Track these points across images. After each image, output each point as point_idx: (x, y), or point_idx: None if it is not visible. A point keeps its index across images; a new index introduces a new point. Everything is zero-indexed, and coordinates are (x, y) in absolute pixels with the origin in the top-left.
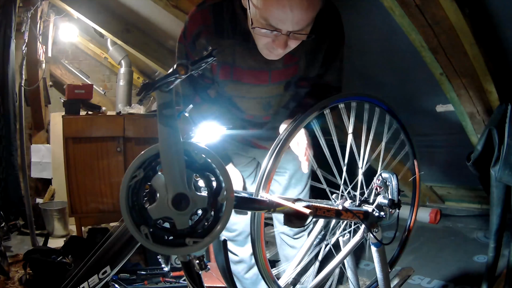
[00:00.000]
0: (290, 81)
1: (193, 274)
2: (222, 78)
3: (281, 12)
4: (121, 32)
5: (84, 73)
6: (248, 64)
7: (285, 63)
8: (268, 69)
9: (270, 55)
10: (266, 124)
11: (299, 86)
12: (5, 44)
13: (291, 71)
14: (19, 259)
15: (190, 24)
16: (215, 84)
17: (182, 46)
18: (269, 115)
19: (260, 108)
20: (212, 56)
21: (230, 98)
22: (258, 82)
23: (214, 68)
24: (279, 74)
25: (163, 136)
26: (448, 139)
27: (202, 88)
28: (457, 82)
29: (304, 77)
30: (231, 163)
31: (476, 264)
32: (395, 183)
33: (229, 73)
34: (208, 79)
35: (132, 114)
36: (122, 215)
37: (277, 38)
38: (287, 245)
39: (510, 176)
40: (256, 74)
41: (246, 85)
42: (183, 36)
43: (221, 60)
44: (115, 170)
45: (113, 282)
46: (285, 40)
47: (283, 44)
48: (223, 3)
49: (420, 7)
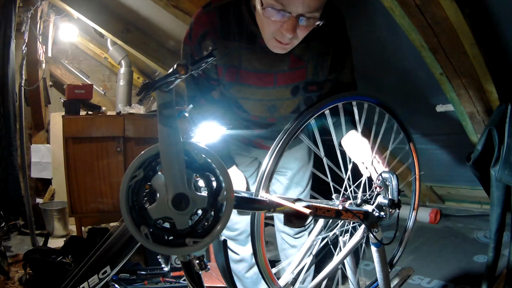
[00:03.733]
0: (298, 85)
1: (193, 274)
2: (228, 80)
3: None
4: (121, 32)
5: (84, 73)
6: (254, 67)
7: (291, 66)
8: (274, 72)
9: (276, 47)
10: (270, 126)
11: (309, 91)
12: (5, 44)
13: (298, 74)
14: (19, 259)
15: (195, 25)
16: (220, 85)
17: (187, 47)
18: (274, 117)
19: (265, 110)
20: (212, 56)
21: (235, 100)
22: (264, 84)
23: (220, 70)
24: (285, 77)
25: (163, 136)
26: (448, 139)
27: (207, 89)
28: (457, 82)
29: (313, 81)
30: (235, 165)
31: (476, 264)
32: (395, 183)
33: (235, 75)
34: (214, 80)
35: (132, 114)
36: (122, 215)
37: (286, 22)
38: (288, 244)
39: (510, 176)
40: (261, 76)
41: (252, 87)
42: (189, 38)
43: (227, 63)
44: (115, 170)
45: (113, 282)
46: (294, 24)
47: (292, 28)
48: (230, 5)
49: (420, 7)
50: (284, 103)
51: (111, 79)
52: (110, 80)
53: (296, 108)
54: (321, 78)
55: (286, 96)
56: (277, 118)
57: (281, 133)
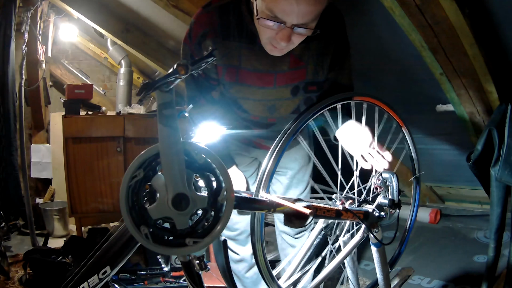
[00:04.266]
0: (298, 85)
1: (193, 274)
2: (227, 80)
3: (287, 4)
4: (121, 32)
5: (84, 73)
6: (253, 67)
7: (290, 66)
8: (273, 71)
9: (273, 51)
10: (270, 126)
11: (309, 91)
12: (5, 44)
13: (297, 75)
14: (19, 259)
15: (195, 25)
16: (220, 85)
17: (187, 47)
18: (274, 117)
19: (265, 110)
20: (212, 56)
21: (235, 100)
22: (263, 84)
23: (220, 70)
24: (285, 77)
25: (163, 136)
26: (448, 139)
27: (207, 89)
28: (457, 82)
29: (313, 81)
30: (235, 165)
31: (476, 264)
32: (395, 183)
33: (235, 75)
34: (214, 80)
35: (132, 114)
36: (122, 215)
37: (281, 30)
38: (288, 244)
39: (510, 176)
40: (261, 76)
41: (251, 87)
42: (189, 37)
43: (227, 62)
44: (115, 170)
45: (113, 282)
46: (289, 33)
47: (286, 37)
48: (230, 5)
49: (420, 7)
50: (284, 103)
51: (111, 79)
52: (110, 80)
53: (296, 108)
54: (321, 78)
55: (286, 96)
56: (277, 118)
57: (281, 133)
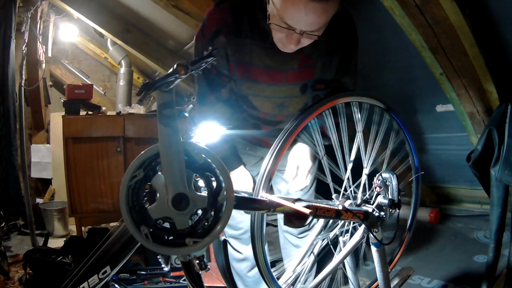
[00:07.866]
0: (306, 83)
1: (193, 274)
2: (239, 76)
3: (296, 14)
4: (121, 32)
5: (84, 73)
6: (264, 64)
7: (300, 64)
8: (284, 69)
9: (284, 48)
10: (279, 123)
11: (317, 89)
12: (5, 44)
13: (307, 73)
14: (19, 259)
15: (208, 22)
16: (231, 82)
17: (199, 44)
18: (283, 115)
19: (274, 107)
20: (212, 56)
21: (245, 97)
22: (274, 82)
23: (232, 66)
24: (295, 75)
25: (163, 136)
26: (448, 139)
27: (218, 86)
28: (457, 82)
29: (321, 80)
30: (243, 165)
31: (476, 264)
32: (395, 183)
33: (246, 72)
34: (225, 77)
35: (132, 114)
36: (122, 215)
37: (290, 35)
38: (291, 244)
39: (510, 176)
40: (272, 74)
41: (262, 84)
42: (201, 34)
43: (239, 59)
44: (115, 170)
45: (113, 282)
46: (298, 38)
47: (295, 41)
48: (242, 2)
49: (420, 7)
50: (293, 100)
51: (111, 79)
52: (110, 80)
53: (304, 106)
54: (328, 77)
55: (295, 94)
56: (286, 116)
57: (281, 133)
